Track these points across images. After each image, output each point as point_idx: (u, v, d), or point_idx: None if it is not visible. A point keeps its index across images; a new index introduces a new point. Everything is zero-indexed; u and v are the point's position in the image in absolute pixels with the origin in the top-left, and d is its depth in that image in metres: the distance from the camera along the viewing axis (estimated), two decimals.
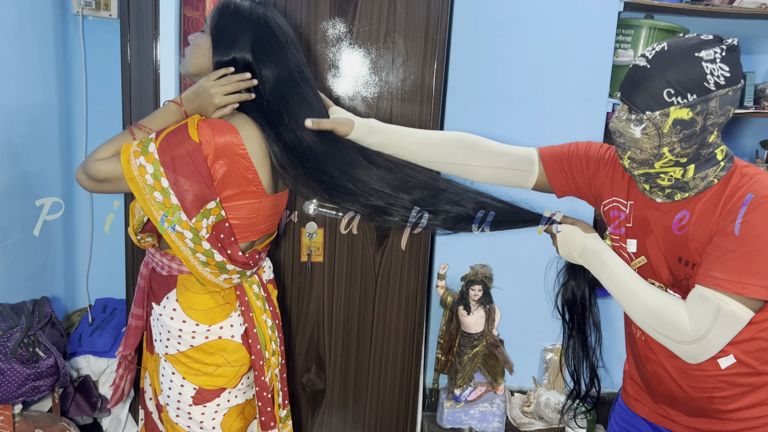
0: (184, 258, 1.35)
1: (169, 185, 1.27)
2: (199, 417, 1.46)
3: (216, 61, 1.38)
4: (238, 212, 1.38)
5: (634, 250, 1.34)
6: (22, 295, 2.14)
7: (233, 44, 1.36)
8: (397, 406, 2.39)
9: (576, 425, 2.37)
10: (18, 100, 2.12)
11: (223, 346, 1.44)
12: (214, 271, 1.37)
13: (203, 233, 1.32)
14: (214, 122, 1.33)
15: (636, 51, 2.41)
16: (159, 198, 1.28)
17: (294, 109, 1.36)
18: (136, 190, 1.29)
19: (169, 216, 1.29)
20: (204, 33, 1.41)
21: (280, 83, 1.36)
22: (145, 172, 1.28)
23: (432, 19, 2.11)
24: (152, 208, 1.29)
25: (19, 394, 1.82)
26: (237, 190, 1.36)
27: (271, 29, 1.37)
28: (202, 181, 1.29)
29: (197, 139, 1.29)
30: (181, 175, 1.28)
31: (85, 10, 2.37)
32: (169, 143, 1.29)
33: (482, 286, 2.36)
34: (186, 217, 1.29)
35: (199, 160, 1.28)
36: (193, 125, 1.30)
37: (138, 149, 1.29)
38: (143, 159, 1.28)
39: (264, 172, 1.38)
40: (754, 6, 2.38)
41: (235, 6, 1.38)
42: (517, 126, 2.41)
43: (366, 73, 2.15)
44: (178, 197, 1.28)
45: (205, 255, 1.34)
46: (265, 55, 1.36)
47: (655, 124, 1.14)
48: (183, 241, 1.31)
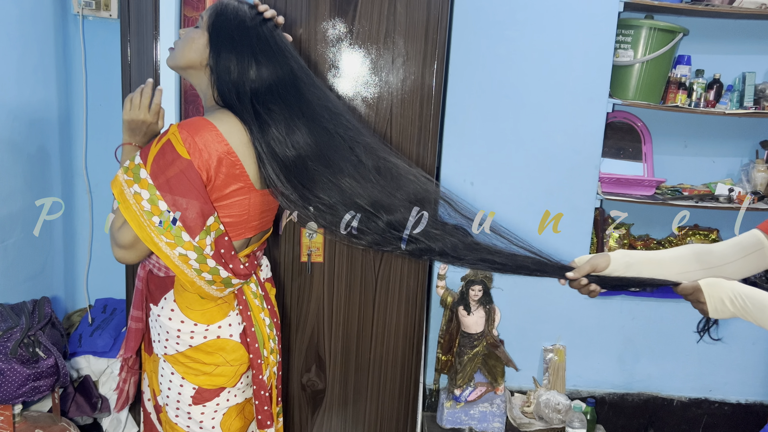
0: (188, 281, 1.32)
1: (168, 207, 1.26)
2: (199, 417, 1.46)
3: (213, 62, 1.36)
4: (231, 210, 1.37)
5: None
6: (22, 295, 2.14)
7: (233, 46, 1.35)
8: (397, 406, 2.39)
9: (577, 426, 2.37)
10: (18, 100, 2.12)
11: (222, 346, 1.44)
12: (219, 287, 1.37)
13: (207, 251, 1.30)
14: (190, 123, 1.31)
15: (636, 51, 2.41)
16: (158, 222, 1.26)
17: (294, 110, 1.36)
18: (132, 219, 1.26)
19: (170, 239, 1.26)
20: (199, 28, 1.40)
21: (279, 84, 1.36)
22: (141, 198, 1.25)
23: (432, 19, 2.11)
24: (152, 234, 1.26)
25: (19, 395, 1.82)
26: (233, 188, 1.35)
27: (270, 33, 1.38)
28: (200, 197, 1.28)
29: (187, 155, 1.27)
30: (178, 194, 1.26)
31: (85, 10, 2.37)
32: (161, 166, 1.27)
33: (482, 286, 2.36)
34: (189, 237, 1.27)
35: (193, 176, 1.27)
36: (177, 141, 1.28)
37: (129, 178, 1.27)
38: (137, 186, 1.26)
39: (250, 166, 1.36)
40: (754, 6, 2.38)
41: (234, 7, 1.38)
42: (517, 126, 2.41)
43: (366, 73, 2.15)
44: (179, 218, 1.26)
45: (211, 273, 1.32)
46: (264, 57, 1.36)
47: None
48: (187, 263, 1.29)
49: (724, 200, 2.49)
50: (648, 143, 2.61)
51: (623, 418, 2.67)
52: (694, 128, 2.64)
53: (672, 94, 2.50)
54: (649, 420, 2.68)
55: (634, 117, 2.61)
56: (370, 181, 1.37)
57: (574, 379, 2.63)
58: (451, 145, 2.41)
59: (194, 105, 2.12)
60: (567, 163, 2.43)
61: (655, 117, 2.61)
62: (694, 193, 2.55)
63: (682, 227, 2.67)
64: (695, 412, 2.68)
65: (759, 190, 2.55)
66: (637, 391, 2.66)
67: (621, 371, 2.64)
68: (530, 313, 2.55)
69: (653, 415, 2.67)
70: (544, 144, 2.43)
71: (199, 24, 1.41)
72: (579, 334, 2.59)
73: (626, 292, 2.57)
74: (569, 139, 2.42)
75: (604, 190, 2.49)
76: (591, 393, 2.63)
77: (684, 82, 2.50)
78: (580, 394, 2.63)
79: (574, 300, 2.53)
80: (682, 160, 2.67)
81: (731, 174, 2.68)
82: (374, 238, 1.36)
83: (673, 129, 2.64)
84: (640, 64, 2.42)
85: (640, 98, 2.45)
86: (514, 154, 2.43)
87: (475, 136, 2.41)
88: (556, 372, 2.56)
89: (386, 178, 1.40)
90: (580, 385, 2.64)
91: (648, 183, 2.52)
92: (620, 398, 2.66)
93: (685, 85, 2.50)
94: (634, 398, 2.66)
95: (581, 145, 2.42)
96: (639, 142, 2.61)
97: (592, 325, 2.58)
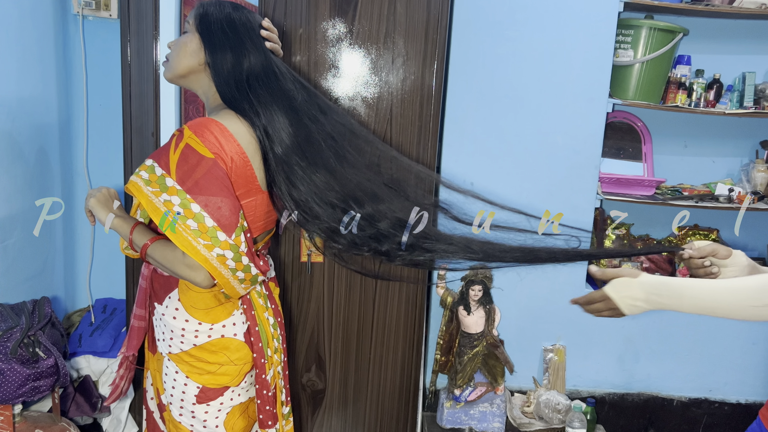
0: (224, 281, 1.30)
1: (201, 209, 1.25)
2: (203, 416, 1.46)
3: (210, 58, 1.39)
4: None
5: None
6: (22, 295, 2.14)
7: (226, 38, 1.38)
8: (397, 406, 2.39)
9: (577, 426, 2.37)
10: (18, 100, 2.12)
11: (226, 345, 1.44)
12: (247, 285, 1.36)
13: (242, 248, 1.29)
14: (201, 124, 1.31)
15: (636, 51, 2.41)
16: (194, 225, 1.25)
17: (277, 98, 1.38)
18: (162, 224, 1.25)
19: (207, 241, 1.25)
20: (188, 33, 1.42)
21: (263, 74, 1.38)
22: (172, 205, 1.25)
23: (432, 19, 2.11)
24: (189, 239, 1.24)
25: (19, 395, 1.82)
26: (242, 190, 1.36)
27: (253, 26, 1.42)
28: (230, 194, 1.28)
29: (210, 154, 1.28)
30: (209, 194, 1.26)
31: (85, 10, 2.37)
32: (186, 171, 1.27)
33: (482, 286, 2.36)
34: (225, 236, 1.26)
35: (221, 174, 1.28)
36: (197, 143, 1.28)
37: (156, 189, 1.26)
38: (166, 195, 1.26)
39: (257, 167, 1.37)
40: (754, 6, 2.38)
41: (216, 3, 1.42)
42: (517, 126, 2.41)
43: (366, 73, 2.15)
44: (214, 217, 1.25)
45: (244, 271, 1.32)
46: (252, 46, 1.40)
47: None
48: (224, 263, 1.28)
49: (724, 200, 2.49)
50: (648, 143, 2.61)
51: (623, 418, 2.67)
52: (694, 128, 2.64)
53: (672, 94, 2.50)
54: (649, 420, 2.68)
55: (634, 117, 2.61)
56: (355, 171, 1.38)
57: (574, 379, 2.63)
58: (451, 145, 2.42)
59: (194, 105, 2.12)
60: (567, 163, 2.44)
61: (655, 117, 2.61)
62: (694, 193, 2.55)
63: (682, 227, 2.67)
64: (695, 412, 2.68)
65: (759, 190, 2.55)
66: (637, 391, 2.66)
67: (621, 371, 2.64)
68: (530, 313, 2.55)
69: (653, 415, 2.67)
70: (544, 144, 2.43)
71: (186, 29, 1.44)
72: (579, 334, 2.59)
73: None
74: (569, 139, 2.42)
75: (604, 190, 2.49)
76: (591, 393, 2.63)
77: (684, 82, 2.50)
78: (580, 394, 2.63)
79: None
80: (682, 160, 2.67)
81: (731, 174, 2.68)
82: (372, 239, 1.35)
83: (673, 129, 2.64)
84: (640, 64, 2.42)
85: (640, 98, 2.45)
86: (514, 153, 2.43)
87: (475, 136, 2.41)
88: (556, 372, 2.56)
89: (372, 170, 1.42)
90: (580, 385, 2.64)
91: (648, 183, 2.52)
92: (620, 398, 2.66)
93: (685, 85, 2.50)
94: (634, 398, 2.66)
95: (581, 145, 2.43)
96: (639, 142, 2.62)
97: (592, 325, 2.58)
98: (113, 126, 2.46)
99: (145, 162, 1.31)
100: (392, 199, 1.40)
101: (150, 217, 1.28)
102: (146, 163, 1.30)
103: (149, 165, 1.30)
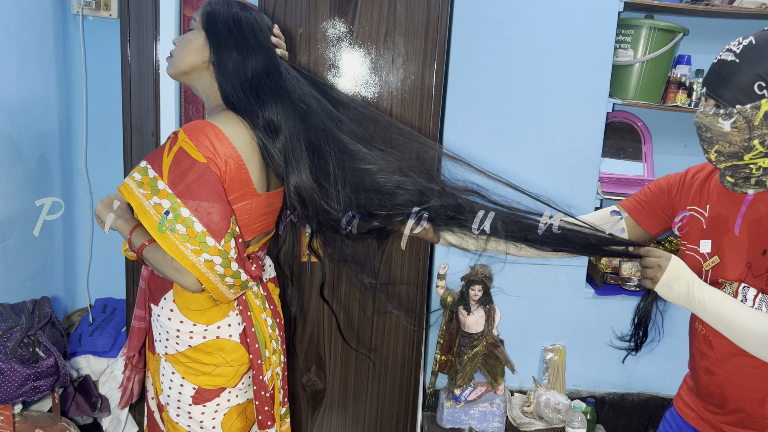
0: (212, 287, 1.31)
1: (191, 213, 1.24)
2: (199, 416, 1.46)
3: (215, 57, 1.39)
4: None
5: (709, 250, 1.34)
6: (22, 295, 2.14)
7: (232, 37, 1.38)
8: (397, 406, 2.39)
9: (577, 426, 2.37)
10: (18, 100, 2.12)
11: (222, 346, 1.44)
12: (236, 291, 1.36)
13: (232, 254, 1.29)
14: (196, 128, 1.31)
15: (636, 51, 2.41)
16: (182, 230, 1.24)
17: (281, 92, 1.38)
18: (151, 226, 1.25)
19: (195, 246, 1.25)
20: (194, 30, 1.42)
21: (267, 73, 1.39)
22: (162, 208, 1.25)
23: (432, 19, 2.11)
24: (177, 243, 1.24)
25: (19, 394, 1.82)
26: (237, 194, 1.36)
27: (260, 27, 1.42)
28: (222, 199, 1.27)
29: (203, 159, 1.27)
30: (200, 199, 1.25)
31: (85, 10, 2.37)
32: (178, 174, 1.26)
33: (482, 286, 2.36)
34: (214, 241, 1.26)
35: (213, 179, 1.27)
36: (190, 147, 1.27)
37: (147, 191, 1.26)
38: (157, 198, 1.25)
39: (254, 170, 1.37)
40: (754, 6, 2.38)
41: (224, 1, 1.42)
42: (517, 126, 2.41)
43: (366, 73, 2.15)
44: (203, 222, 1.25)
45: (233, 277, 1.31)
46: (257, 45, 1.40)
47: (745, 117, 1.19)
48: (212, 269, 1.27)
49: None
50: (648, 143, 2.61)
51: (623, 418, 2.67)
52: (694, 128, 2.64)
53: (672, 93, 2.50)
54: (649, 420, 2.68)
55: (634, 117, 2.61)
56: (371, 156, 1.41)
57: (574, 378, 2.63)
58: (451, 145, 2.41)
59: (194, 105, 2.13)
60: (567, 163, 2.43)
61: (655, 117, 2.61)
62: None
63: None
64: None
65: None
66: (637, 391, 2.66)
67: (621, 371, 2.64)
68: (530, 313, 2.55)
69: (653, 415, 2.67)
70: (544, 144, 2.43)
71: (192, 26, 1.43)
72: (579, 334, 2.59)
73: (626, 291, 2.57)
74: (569, 139, 2.42)
75: (604, 190, 2.49)
76: (591, 393, 2.63)
77: (684, 81, 2.50)
78: (580, 394, 2.63)
79: (574, 300, 2.53)
80: (682, 160, 2.67)
81: None
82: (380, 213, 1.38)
83: (673, 129, 2.64)
84: (640, 64, 2.42)
85: (640, 98, 2.45)
86: (513, 153, 2.43)
87: (475, 136, 2.41)
88: (556, 372, 2.56)
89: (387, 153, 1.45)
90: (580, 384, 2.64)
91: (648, 183, 2.52)
92: (620, 398, 2.66)
93: (685, 85, 2.50)
94: (634, 398, 2.66)
95: (581, 145, 2.43)
96: (639, 142, 2.61)
97: (592, 325, 2.58)
98: (113, 126, 2.47)
99: (140, 163, 1.31)
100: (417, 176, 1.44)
101: (139, 219, 1.28)
102: (141, 165, 1.30)
103: (143, 167, 1.29)
